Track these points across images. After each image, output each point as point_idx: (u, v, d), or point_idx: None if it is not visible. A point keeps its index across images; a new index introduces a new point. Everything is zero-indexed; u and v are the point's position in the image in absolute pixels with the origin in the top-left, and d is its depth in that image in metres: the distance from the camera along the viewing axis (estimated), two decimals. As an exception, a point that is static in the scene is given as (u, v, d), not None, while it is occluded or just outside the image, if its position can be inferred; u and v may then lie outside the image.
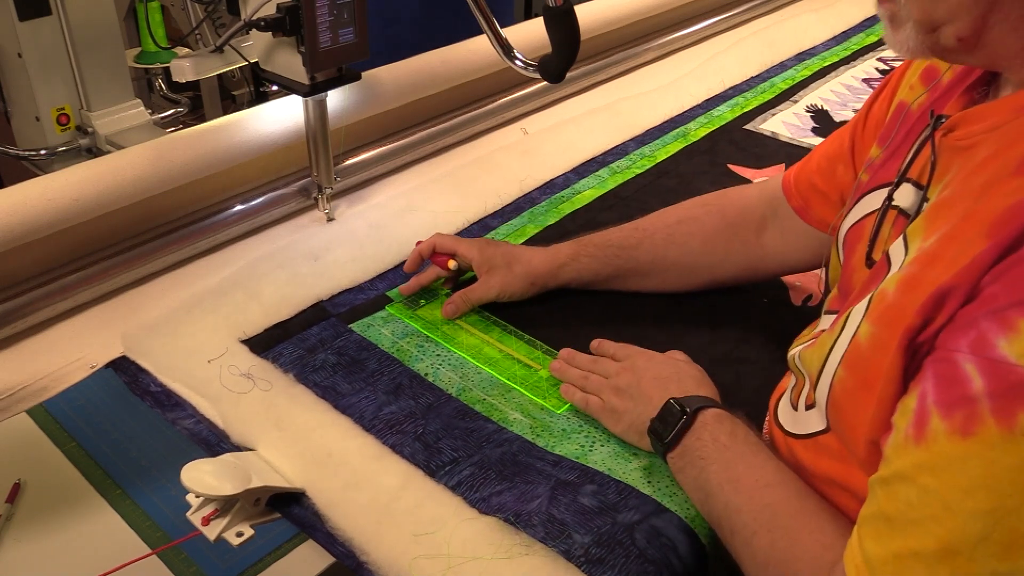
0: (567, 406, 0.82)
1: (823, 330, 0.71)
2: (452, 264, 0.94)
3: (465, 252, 0.94)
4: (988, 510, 0.48)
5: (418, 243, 0.98)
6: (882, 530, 0.54)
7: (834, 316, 0.71)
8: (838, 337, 0.63)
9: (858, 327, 0.60)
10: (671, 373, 0.79)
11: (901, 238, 0.61)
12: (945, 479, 0.50)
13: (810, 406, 0.68)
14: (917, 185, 0.65)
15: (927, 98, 0.71)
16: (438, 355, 0.88)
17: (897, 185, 0.66)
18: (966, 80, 0.66)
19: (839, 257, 0.76)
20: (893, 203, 0.66)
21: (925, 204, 0.62)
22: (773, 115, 1.44)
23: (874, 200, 0.71)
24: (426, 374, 0.85)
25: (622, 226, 0.96)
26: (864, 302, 0.61)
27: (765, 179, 0.96)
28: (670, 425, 0.72)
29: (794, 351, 0.74)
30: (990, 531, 0.48)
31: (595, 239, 0.95)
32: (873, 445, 0.57)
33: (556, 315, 0.94)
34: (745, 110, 1.45)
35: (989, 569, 0.49)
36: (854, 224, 0.73)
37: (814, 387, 0.66)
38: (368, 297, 0.96)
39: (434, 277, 0.96)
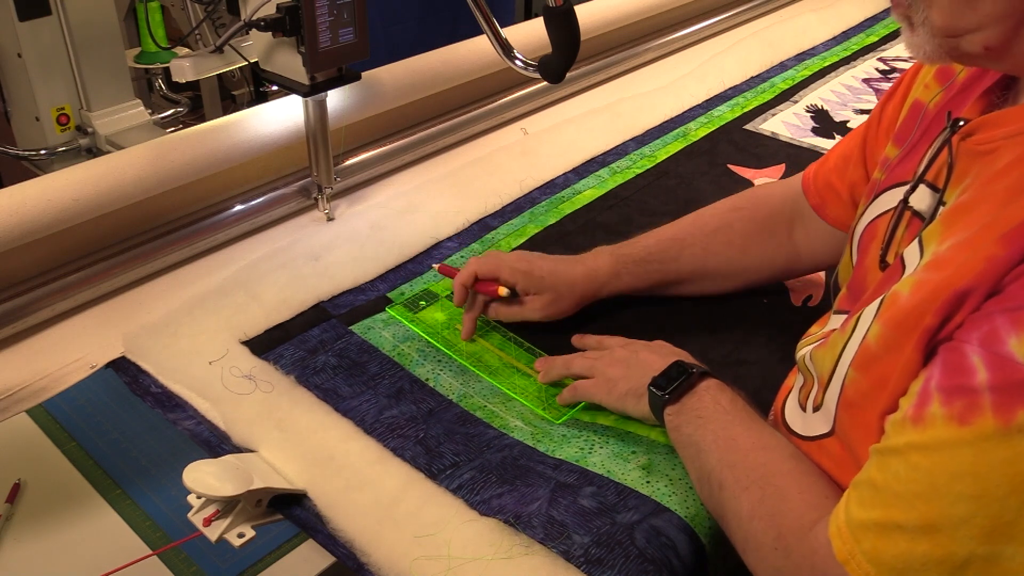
0: (566, 416, 0.81)
1: (833, 330, 0.71)
2: (503, 291, 0.89)
3: (508, 278, 0.89)
4: (974, 496, 0.50)
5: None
6: (867, 497, 0.55)
7: (844, 316, 0.71)
8: (849, 338, 0.63)
9: (868, 329, 0.60)
10: (671, 350, 0.81)
11: (916, 241, 0.61)
12: (936, 460, 0.51)
13: (817, 408, 0.68)
14: (933, 188, 0.64)
15: (943, 98, 0.70)
16: (439, 360, 0.88)
17: (914, 187, 0.66)
18: (982, 81, 0.65)
19: (851, 256, 0.76)
20: (908, 205, 0.66)
21: (941, 208, 0.62)
22: (773, 115, 1.44)
23: (889, 199, 0.71)
24: (427, 379, 0.85)
25: (657, 236, 0.93)
26: (875, 304, 0.61)
27: (778, 179, 0.96)
28: (674, 380, 0.74)
29: (804, 351, 0.73)
30: (973, 515, 0.50)
31: (634, 254, 0.92)
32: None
33: (555, 321, 0.93)
34: (745, 110, 1.45)
35: (968, 550, 0.50)
36: (869, 223, 0.73)
37: (824, 389, 0.66)
38: (368, 298, 0.96)
39: (483, 308, 0.92)
